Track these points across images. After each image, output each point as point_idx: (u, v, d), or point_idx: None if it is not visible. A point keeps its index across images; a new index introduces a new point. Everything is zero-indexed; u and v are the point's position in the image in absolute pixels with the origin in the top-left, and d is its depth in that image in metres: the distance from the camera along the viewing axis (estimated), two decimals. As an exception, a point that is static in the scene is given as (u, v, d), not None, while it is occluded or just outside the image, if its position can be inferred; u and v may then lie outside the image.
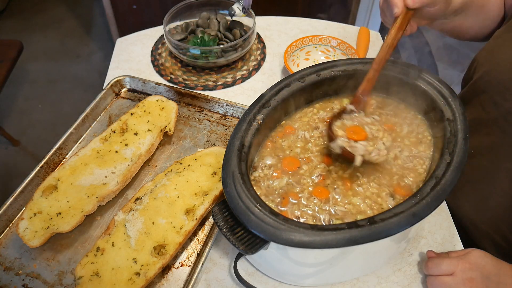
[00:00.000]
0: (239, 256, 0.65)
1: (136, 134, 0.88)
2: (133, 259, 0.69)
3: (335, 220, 0.61)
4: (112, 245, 0.70)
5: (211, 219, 0.78)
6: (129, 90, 1.04)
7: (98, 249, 0.70)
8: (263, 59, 1.16)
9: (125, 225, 0.73)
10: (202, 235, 0.76)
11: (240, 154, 0.63)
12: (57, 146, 0.87)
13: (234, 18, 1.14)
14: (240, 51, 1.10)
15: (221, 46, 1.06)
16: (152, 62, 1.15)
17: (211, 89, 1.07)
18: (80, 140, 0.92)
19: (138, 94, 1.04)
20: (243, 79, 1.10)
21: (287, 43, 1.20)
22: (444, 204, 0.82)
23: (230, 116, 0.98)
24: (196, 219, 0.73)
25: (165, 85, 1.01)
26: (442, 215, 0.80)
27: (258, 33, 1.24)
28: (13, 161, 2.14)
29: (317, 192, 0.64)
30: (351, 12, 2.25)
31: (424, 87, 0.69)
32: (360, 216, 0.61)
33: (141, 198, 0.77)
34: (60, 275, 0.71)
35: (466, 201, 0.83)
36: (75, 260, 0.73)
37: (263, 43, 1.21)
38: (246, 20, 1.17)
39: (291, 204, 0.63)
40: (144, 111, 0.93)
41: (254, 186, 0.65)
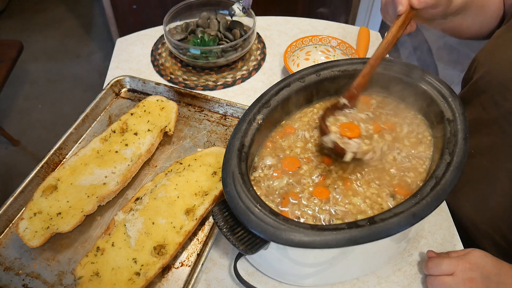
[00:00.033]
0: (239, 256, 0.65)
1: (136, 134, 0.88)
2: (133, 259, 0.69)
3: (335, 220, 0.61)
4: (112, 245, 0.70)
5: (211, 219, 0.78)
6: (129, 90, 1.04)
7: (98, 249, 0.70)
8: (263, 59, 1.16)
9: (125, 225, 0.73)
10: (202, 235, 0.76)
11: (240, 154, 0.62)
12: (57, 146, 0.87)
13: (234, 18, 1.14)
14: (240, 51, 1.10)
15: (221, 46, 1.06)
16: (152, 62, 1.15)
17: (211, 89, 1.07)
18: (80, 140, 0.92)
19: (138, 94, 1.04)
20: (243, 79, 1.10)
21: (287, 43, 1.20)
22: (444, 204, 0.82)
23: (230, 116, 0.98)
24: (196, 219, 0.73)
25: (165, 85, 1.01)
26: (442, 215, 0.80)
27: (258, 33, 1.24)
28: (13, 161, 2.14)
29: (317, 192, 0.64)
30: (351, 12, 2.25)
31: (424, 87, 0.69)
32: (360, 216, 0.61)
33: (141, 198, 0.77)
34: (60, 275, 0.71)
35: (466, 201, 0.83)
36: (75, 260, 0.73)
37: (263, 43, 1.21)
38: (246, 20, 1.17)
39: (291, 204, 0.63)
40: (144, 111, 0.93)
41: (254, 186, 0.65)
